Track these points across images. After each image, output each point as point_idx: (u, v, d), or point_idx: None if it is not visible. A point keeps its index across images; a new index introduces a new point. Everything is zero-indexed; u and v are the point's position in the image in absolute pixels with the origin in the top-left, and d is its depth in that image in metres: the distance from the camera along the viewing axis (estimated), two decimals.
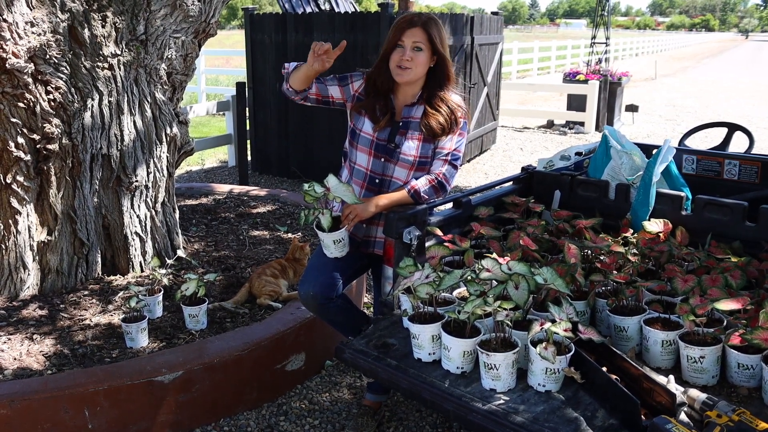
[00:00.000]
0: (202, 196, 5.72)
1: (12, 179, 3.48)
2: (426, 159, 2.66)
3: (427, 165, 2.67)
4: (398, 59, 2.57)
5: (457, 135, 2.67)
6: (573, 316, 2.13)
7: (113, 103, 3.70)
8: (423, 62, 2.59)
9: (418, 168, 2.66)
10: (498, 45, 9.75)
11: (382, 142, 2.66)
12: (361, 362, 2.32)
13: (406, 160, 2.64)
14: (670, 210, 2.85)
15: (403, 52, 2.56)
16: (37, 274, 3.69)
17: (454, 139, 2.67)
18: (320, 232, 2.59)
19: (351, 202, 2.52)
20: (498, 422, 1.95)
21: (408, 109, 2.68)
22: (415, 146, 2.62)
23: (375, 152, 2.67)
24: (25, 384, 2.73)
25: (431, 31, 2.57)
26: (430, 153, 2.66)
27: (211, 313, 3.41)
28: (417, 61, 2.57)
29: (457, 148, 2.67)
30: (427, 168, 2.67)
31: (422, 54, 2.58)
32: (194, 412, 2.96)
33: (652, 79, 23.21)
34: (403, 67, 2.57)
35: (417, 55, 2.57)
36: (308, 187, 2.52)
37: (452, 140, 2.66)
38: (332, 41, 2.54)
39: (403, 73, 2.58)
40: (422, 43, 2.57)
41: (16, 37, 3.19)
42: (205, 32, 4.20)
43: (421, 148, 2.63)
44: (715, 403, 1.94)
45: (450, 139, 2.66)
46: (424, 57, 2.58)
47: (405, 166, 2.65)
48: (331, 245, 2.60)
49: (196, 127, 11.57)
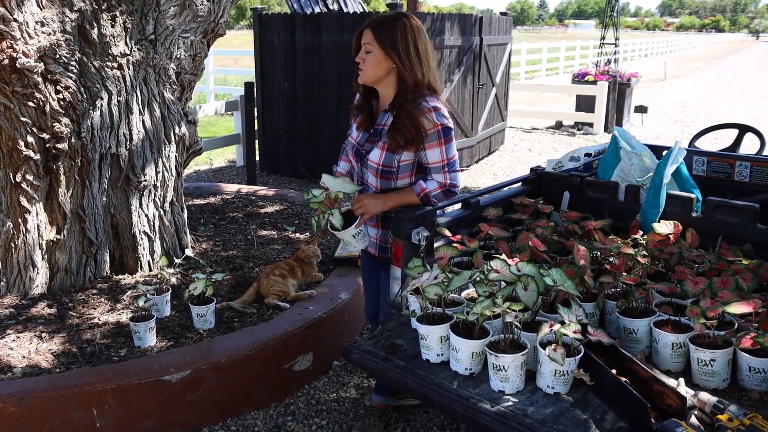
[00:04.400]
0: (210, 196, 5.73)
1: (21, 178, 3.49)
2: (389, 168, 2.60)
3: (392, 174, 2.62)
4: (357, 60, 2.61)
5: (440, 146, 2.55)
6: (582, 318, 2.11)
7: (122, 102, 3.71)
8: (375, 63, 2.54)
9: (383, 176, 2.62)
10: (507, 45, 9.73)
11: (360, 147, 2.70)
12: (369, 363, 2.31)
13: (372, 167, 2.63)
14: (681, 212, 2.83)
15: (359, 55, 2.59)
16: (46, 273, 3.71)
17: (441, 149, 2.55)
18: (336, 233, 2.59)
19: (352, 191, 2.53)
20: (507, 424, 1.93)
21: (383, 116, 2.65)
22: (378, 155, 2.60)
23: (356, 156, 2.73)
24: (34, 382, 2.74)
25: (378, 32, 2.52)
26: (395, 163, 2.59)
27: (218, 313, 3.41)
28: (368, 62, 2.55)
29: (450, 156, 2.58)
30: (393, 177, 2.62)
31: (372, 56, 2.54)
32: (202, 411, 2.96)
33: (661, 80, 23.11)
34: (359, 69, 2.59)
35: (367, 56, 2.55)
36: (308, 195, 2.53)
37: (439, 151, 2.55)
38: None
39: (360, 75, 2.60)
40: (370, 44, 2.54)
41: (27, 36, 3.20)
42: (214, 32, 4.21)
43: (384, 157, 2.59)
44: (726, 406, 1.93)
45: (435, 152, 2.55)
46: (374, 58, 2.54)
47: (372, 172, 2.65)
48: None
49: (205, 127, 11.60)
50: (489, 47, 8.81)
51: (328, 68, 7.33)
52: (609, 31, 13.40)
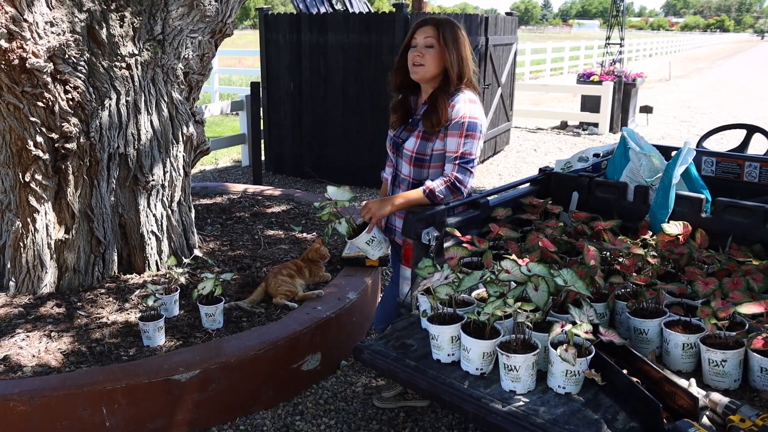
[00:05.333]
0: (216, 196, 5.74)
1: (30, 178, 3.50)
2: (423, 156, 2.70)
3: (425, 162, 2.71)
4: (412, 57, 2.67)
5: (461, 137, 2.60)
6: (594, 318, 2.11)
7: (130, 102, 3.72)
8: (434, 58, 2.63)
9: (416, 164, 2.72)
10: (512, 46, 9.72)
11: (396, 139, 2.82)
12: (380, 363, 2.32)
13: (406, 155, 2.75)
14: (690, 212, 2.83)
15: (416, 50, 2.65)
16: (55, 273, 3.72)
17: (460, 141, 2.60)
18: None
19: (346, 199, 2.66)
20: (518, 424, 1.94)
21: (422, 108, 2.75)
22: (413, 143, 2.71)
23: (393, 148, 2.85)
24: (44, 381, 2.75)
25: (442, 28, 2.62)
26: (428, 151, 2.69)
27: (227, 313, 3.41)
28: (428, 57, 2.63)
29: (466, 151, 2.60)
30: (426, 165, 2.72)
31: (433, 50, 2.62)
32: (211, 410, 2.96)
33: (666, 80, 23.06)
34: (416, 64, 2.65)
35: (428, 51, 2.63)
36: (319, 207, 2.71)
37: (457, 142, 2.60)
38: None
39: (417, 70, 2.66)
40: (432, 38, 2.62)
41: (36, 36, 3.21)
42: (222, 32, 4.21)
43: (419, 144, 2.70)
44: (738, 407, 1.93)
45: (454, 141, 2.61)
46: (435, 52, 2.62)
47: (406, 160, 2.76)
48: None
49: (210, 127, 11.61)
50: (494, 47, 8.81)
51: (334, 68, 7.33)
52: (614, 30, 13.38)
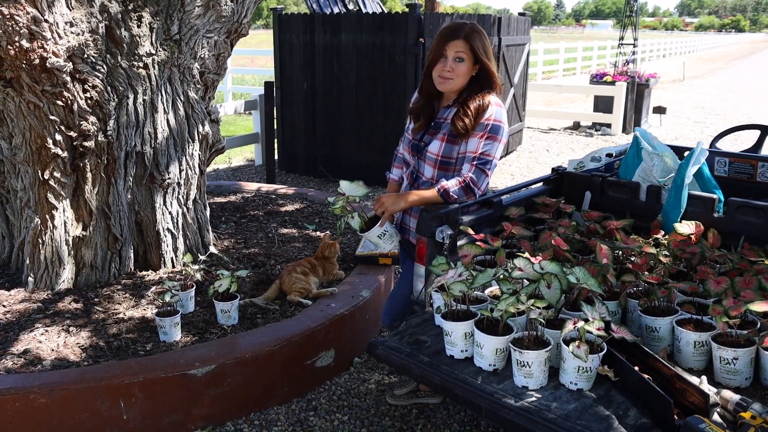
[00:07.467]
0: (230, 194, 5.79)
1: (49, 175, 3.56)
2: (449, 159, 2.72)
3: (450, 165, 2.73)
4: (440, 69, 2.68)
5: (482, 138, 2.65)
6: (606, 316, 2.13)
7: (148, 101, 3.77)
8: (464, 72, 2.67)
9: (441, 167, 2.74)
10: (525, 46, 9.72)
11: (417, 142, 2.82)
12: (394, 358, 2.35)
13: (430, 158, 2.75)
14: (702, 212, 2.84)
15: (445, 63, 2.66)
16: (72, 269, 3.77)
17: (480, 142, 2.65)
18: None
19: (362, 194, 2.70)
20: (530, 419, 1.96)
21: (444, 111, 2.78)
22: (438, 145, 2.72)
23: (412, 151, 2.86)
24: (63, 374, 2.80)
25: (473, 42, 2.64)
26: (455, 154, 2.71)
27: (242, 309, 3.45)
28: (458, 71, 2.66)
29: (485, 152, 2.66)
30: (452, 168, 2.73)
31: (463, 64, 2.66)
32: (226, 405, 3.01)
33: (680, 80, 22.94)
34: (444, 77, 2.68)
35: (458, 66, 2.66)
36: (332, 201, 2.73)
37: (477, 143, 2.65)
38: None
39: (444, 83, 2.69)
40: (464, 53, 2.65)
41: (56, 36, 3.27)
42: (237, 32, 4.26)
43: (444, 147, 2.71)
44: (749, 404, 1.94)
45: (474, 142, 2.66)
46: (465, 67, 2.66)
47: (430, 163, 2.76)
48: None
49: (223, 126, 11.63)
50: (507, 47, 8.81)
51: (347, 68, 7.37)
52: (627, 31, 13.35)
